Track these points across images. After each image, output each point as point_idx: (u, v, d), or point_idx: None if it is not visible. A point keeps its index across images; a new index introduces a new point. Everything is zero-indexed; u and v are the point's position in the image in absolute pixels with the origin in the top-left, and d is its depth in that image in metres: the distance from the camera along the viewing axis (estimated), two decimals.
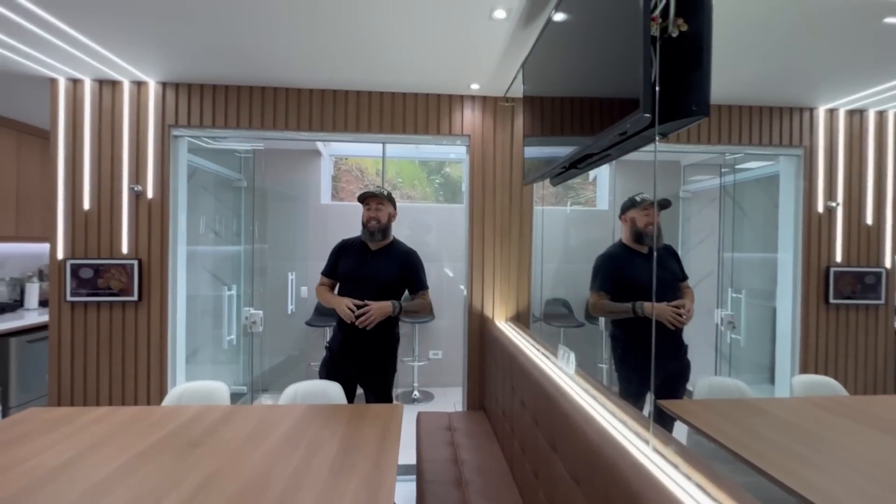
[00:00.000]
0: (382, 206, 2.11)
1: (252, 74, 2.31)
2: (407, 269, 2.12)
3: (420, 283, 2.13)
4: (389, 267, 2.10)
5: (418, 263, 2.16)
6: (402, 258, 2.14)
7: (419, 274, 2.14)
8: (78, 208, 2.37)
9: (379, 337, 2.05)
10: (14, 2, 1.63)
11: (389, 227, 2.15)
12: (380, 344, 2.09)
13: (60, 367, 2.37)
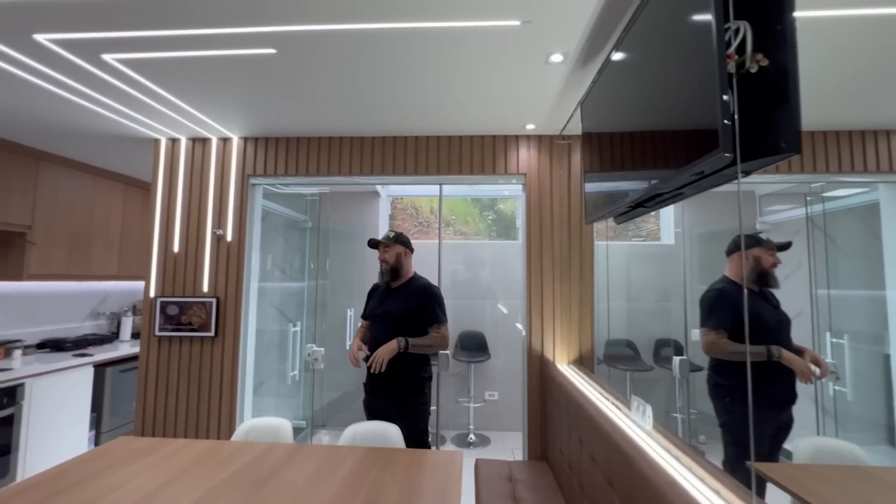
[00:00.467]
0: (389, 249, 2.22)
1: (320, 126, 2.51)
2: (422, 303, 2.15)
3: (434, 316, 2.14)
4: (405, 303, 2.16)
5: (432, 297, 2.17)
6: (417, 293, 2.18)
7: (433, 307, 2.15)
8: (169, 251, 2.64)
9: (401, 374, 2.08)
10: (128, 75, 1.91)
11: (400, 265, 2.22)
12: (404, 381, 2.10)
13: (146, 397, 2.57)
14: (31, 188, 2.94)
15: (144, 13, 1.45)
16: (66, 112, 2.29)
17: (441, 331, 2.13)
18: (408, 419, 2.08)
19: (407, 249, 2.27)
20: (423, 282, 2.24)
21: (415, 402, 2.12)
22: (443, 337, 2.12)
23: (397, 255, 2.22)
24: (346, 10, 1.43)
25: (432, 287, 2.22)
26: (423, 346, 2.09)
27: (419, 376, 2.14)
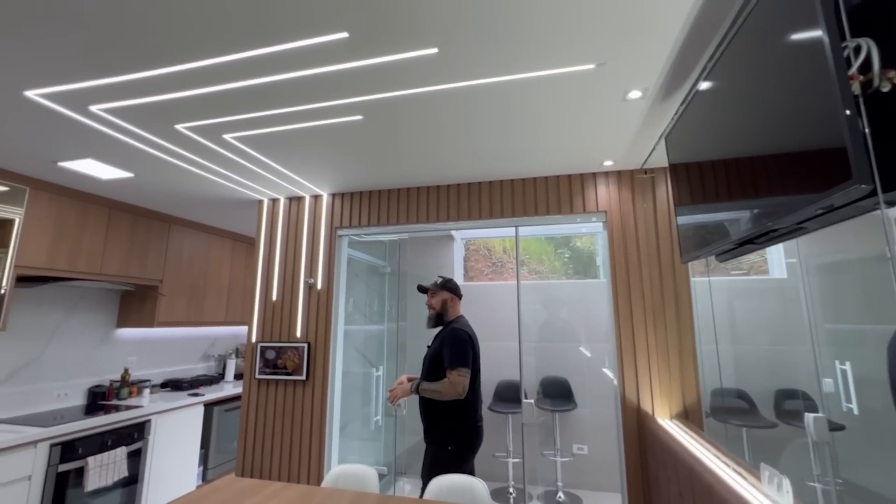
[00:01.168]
0: (436, 295, 2.27)
1: (399, 178, 2.67)
2: (444, 345, 2.09)
3: (448, 359, 2.03)
4: (435, 346, 2.17)
5: (451, 341, 2.09)
6: (445, 335, 2.14)
7: (450, 350, 2.05)
8: (269, 299, 2.90)
9: (428, 421, 2.10)
10: (241, 149, 2.22)
11: (445, 311, 2.24)
12: (429, 428, 2.10)
13: (246, 437, 2.76)
14: (164, 248, 3.46)
15: (256, 98, 1.70)
16: (193, 183, 2.71)
17: (451, 376, 1.99)
18: (424, 467, 2.03)
19: (454, 296, 2.27)
20: (454, 325, 2.18)
21: (434, 453, 2.03)
22: (451, 383, 1.97)
23: (443, 302, 2.24)
24: (428, 74, 1.54)
25: (457, 330, 2.13)
26: (432, 390, 2.02)
27: (443, 428, 2.04)
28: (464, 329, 2.13)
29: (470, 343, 2.10)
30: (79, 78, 1.56)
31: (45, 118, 1.85)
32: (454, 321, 2.22)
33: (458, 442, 2.02)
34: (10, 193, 2.49)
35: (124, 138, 2.04)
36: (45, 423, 2.47)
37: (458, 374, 1.98)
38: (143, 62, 1.47)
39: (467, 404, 2.05)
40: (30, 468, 2.28)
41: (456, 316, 2.25)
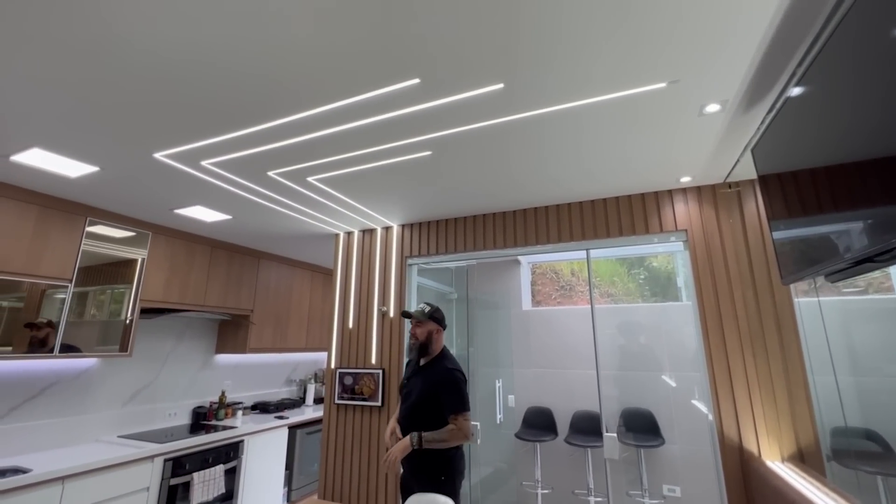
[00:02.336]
0: (422, 325, 2.11)
1: (467, 206, 2.73)
2: (440, 388, 1.97)
3: (451, 405, 1.92)
4: (426, 384, 2.01)
5: (453, 384, 1.97)
6: (438, 376, 2.01)
7: (451, 396, 1.94)
8: (345, 327, 3.07)
9: (421, 473, 1.93)
10: (322, 189, 2.42)
11: (430, 342, 2.09)
12: (423, 481, 1.91)
13: (327, 461, 2.88)
14: (254, 280, 3.82)
15: (337, 144, 1.86)
16: (280, 221, 2.99)
17: (458, 421, 1.90)
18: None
19: (440, 327, 2.16)
20: (449, 364, 2.06)
21: (428, 486, 1.89)
22: (460, 430, 1.89)
23: (429, 333, 2.11)
24: (495, 108, 1.60)
25: (454, 372, 2.01)
26: (438, 440, 1.89)
27: (437, 478, 1.91)
28: (458, 370, 2.05)
29: (465, 383, 2.04)
30: (194, 140, 1.83)
31: (167, 174, 2.17)
32: (441, 355, 2.11)
33: (450, 470, 1.95)
34: (136, 238, 2.92)
35: (226, 186, 2.33)
36: (159, 440, 2.78)
37: (463, 419, 1.92)
38: (244, 123, 1.68)
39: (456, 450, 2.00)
40: (148, 480, 2.56)
41: (440, 348, 2.14)
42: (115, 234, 2.80)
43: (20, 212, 2.35)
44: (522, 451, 3.75)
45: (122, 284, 2.82)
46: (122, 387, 3.04)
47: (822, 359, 2.02)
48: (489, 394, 3.92)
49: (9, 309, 2.29)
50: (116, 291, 2.80)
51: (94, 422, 2.86)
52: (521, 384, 4.01)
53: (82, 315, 2.60)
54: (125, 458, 2.45)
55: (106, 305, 2.74)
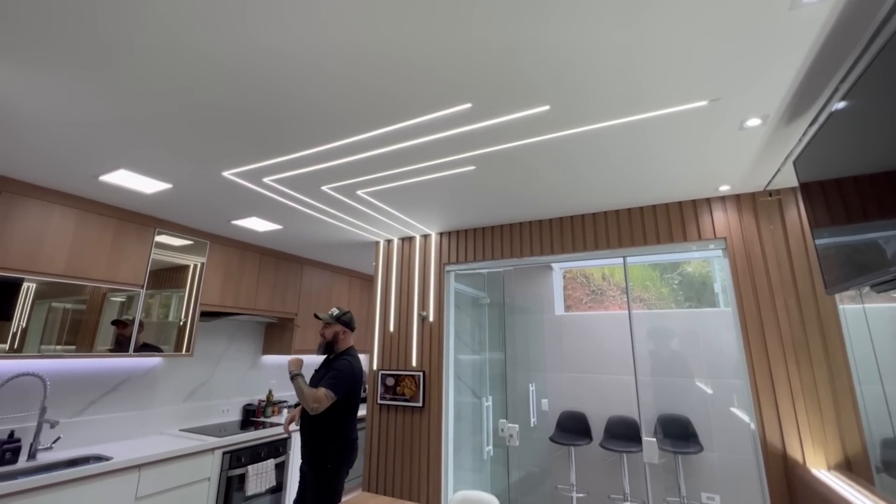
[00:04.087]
0: (329, 327, 2.45)
1: (504, 215, 2.83)
2: (329, 372, 2.31)
3: (327, 381, 2.24)
4: (323, 372, 2.37)
5: (339, 372, 2.30)
6: (336, 366, 2.34)
7: (333, 376, 2.28)
8: (386, 330, 3.22)
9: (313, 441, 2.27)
10: (369, 201, 2.57)
11: (336, 342, 2.44)
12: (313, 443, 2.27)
13: (371, 456, 3.03)
14: (298, 286, 4.04)
15: (387, 162, 2.00)
16: (325, 230, 3.18)
17: (320, 391, 2.19)
18: (309, 488, 2.25)
19: (346, 328, 2.48)
20: (348, 357, 2.39)
21: (317, 475, 2.22)
22: (315, 395, 2.18)
23: (335, 334, 2.44)
24: (540, 127, 1.70)
25: (350, 364, 2.35)
26: (298, 387, 2.21)
27: (326, 449, 2.25)
28: (355, 365, 2.37)
29: (353, 380, 2.33)
30: (261, 160, 2.02)
31: (231, 189, 2.37)
32: (345, 352, 2.43)
33: (334, 463, 2.24)
34: (196, 246, 3.17)
35: (282, 199, 2.52)
36: (216, 434, 2.99)
37: (325, 393, 2.19)
38: (309, 144, 1.85)
39: (342, 429, 2.31)
40: (209, 471, 2.78)
41: (346, 347, 2.46)
42: (176, 243, 3.05)
43: (101, 225, 2.61)
44: (557, 455, 3.80)
45: (184, 289, 3.07)
46: (182, 384, 3.29)
47: (868, 367, 2.01)
48: (522, 397, 3.99)
49: (73, 311, 2.55)
50: (179, 295, 3.05)
51: (159, 416, 3.11)
52: (555, 388, 4.06)
53: (150, 317, 2.85)
54: (191, 450, 2.67)
55: (171, 309, 2.99)
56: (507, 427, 2.87)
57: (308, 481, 2.29)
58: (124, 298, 2.72)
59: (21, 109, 1.61)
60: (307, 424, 2.32)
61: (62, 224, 2.43)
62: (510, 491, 3.66)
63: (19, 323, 2.26)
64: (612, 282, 5.11)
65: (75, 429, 2.64)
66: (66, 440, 2.58)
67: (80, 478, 2.16)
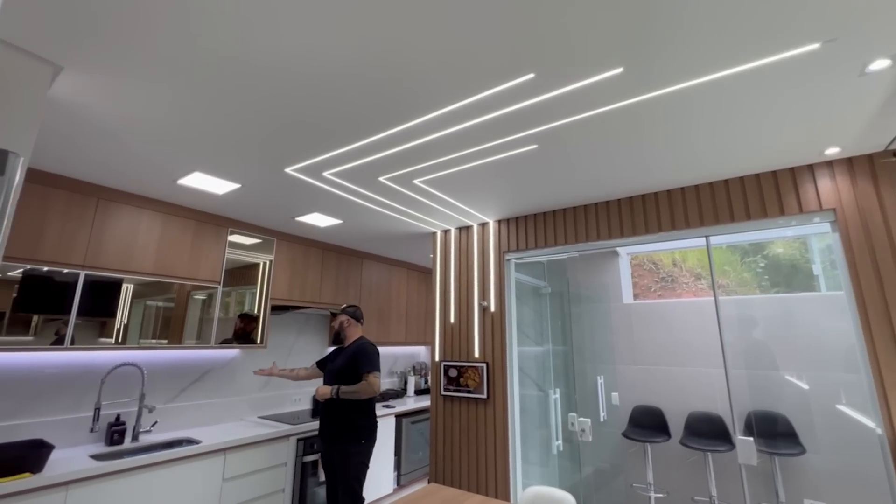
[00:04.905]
0: (336, 318, 2.81)
1: (566, 198, 2.66)
2: (357, 356, 2.58)
3: (365, 366, 2.52)
4: (346, 357, 2.62)
5: (363, 352, 2.59)
6: (352, 352, 2.62)
7: (364, 358, 2.55)
8: (447, 321, 3.18)
9: (340, 422, 2.51)
10: (425, 190, 2.53)
11: (343, 330, 2.76)
12: (340, 427, 2.51)
13: (437, 448, 3.02)
14: (359, 279, 4.13)
15: (445, 146, 1.94)
16: (383, 223, 3.20)
17: (368, 378, 2.47)
18: (342, 466, 2.47)
19: (351, 319, 2.78)
20: (360, 342, 2.67)
21: (349, 450, 2.47)
22: (369, 384, 2.47)
23: (341, 323, 2.76)
24: (611, 94, 1.54)
25: (365, 344, 2.65)
26: (351, 391, 2.45)
27: (356, 425, 2.51)
28: (372, 344, 2.67)
29: (377, 353, 2.62)
30: (319, 154, 2.04)
31: (293, 186, 2.44)
32: (358, 340, 2.71)
33: (368, 435, 2.54)
34: (264, 244, 3.32)
35: (341, 193, 2.55)
36: (290, 422, 3.14)
37: (373, 377, 2.48)
38: (365, 133, 1.83)
39: (371, 406, 2.61)
40: (285, 456, 2.92)
41: (356, 336, 2.76)
42: (247, 242, 3.21)
43: (182, 226, 2.81)
44: (631, 452, 3.57)
45: (255, 286, 3.24)
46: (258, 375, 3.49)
47: None
48: (591, 391, 3.80)
49: (164, 308, 2.76)
50: (251, 291, 3.22)
51: (238, 404, 3.32)
52: (626, 381, 3.81)
53: (227, 312, 3.03)
54: (268, 436, 2.81)
55: (245, 304, 3.17)
56: (578, 421, 2.73)
57: (337, 461, 2.50)
58: (205, 296, 2.91)
59: (111, 121, 1.74)
60: (338, 405, 2.52)
61: (150, 227, 2.64)
62: (581, 487, 3.50)
63: (121, 319, 2.49)
64: (685, 267, 4.72)
65: (169, 414, 2.88)
66: (161, 424, 2.83)
67: (176, 459, 2.35)
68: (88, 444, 2.48)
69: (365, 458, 2.53)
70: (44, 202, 2.24)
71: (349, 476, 2.46)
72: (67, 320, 2.27)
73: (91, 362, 2.57)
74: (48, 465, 2.06)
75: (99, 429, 2.51)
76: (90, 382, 2.55)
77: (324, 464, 2.65)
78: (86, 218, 2.38)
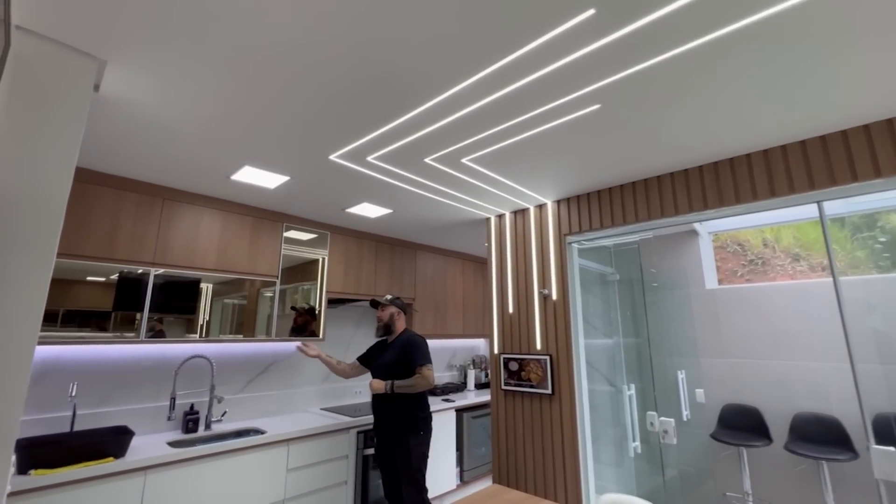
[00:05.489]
0: (385, 309, 2.72)
1: (638, 169, 2.35)
2: (408, 349, 2.54)
3: (418, 359, 2.49)
4: (394, 353, 2.57)
5: (414, 346, 2.55)
6: (402, 345, 2.59)
7: (415, 353, 2.51)
8: (506, 312, 2.99)
9: (395, 412, 2.49)
10: (474, 170, 2.35)
11: (392, 323, 2.70)
12: (397, 420, 2.48)
13: (499, 445, 2.85)
14: (413, 271, 4.05)
15: (494, 114, 1.74)
16: (434, 210, 3.07)
17: (422, 371, 2.45)
18: (403, 459, 2.43)
19: (399, 310, 2.74)
20: (408, 335, 2.64)
21: (409, 442, 2.43)
22: (424, 377, 2.45)
23: (391, 315, 2.70)
24: (688, 28, 1.26)
25: (414, 336, 2.62)
26: (407, 385, 2.43)
27: (413, 417, 2.48)
28: (418, 335, 2.64)
29: (426, 344, 2.59)
30: (359, 136, 1.94)
31: (340, 174, 2.38)
32: (404, 332, 2.68)
33: (426, 426, 2.52)
34: (318, 239, 3.34)
35: (387, 179, 2.45)
36: (351, 414, 3.14)
37: (427, 369, 2.46)
38: (401, 109, 1.69)
39: (426, 397, 2.61)
40: (346, 449, 2.91)
41: (403, 328, 2.72)
42: (302, 237, 3.25)
43: (240, 223, 2.88)
44: (722, 456, 3.15)
45: (312, 280, 3.27)
46: (319, 367, 3.54)
47: None
48: (670, 387, 3.40)
49: (237, 305, 2.84)
50: (309, 286, 3.25)
51: (301, 395, 3.39)
52: (712, 377, 3.37)
53: (285, 308, 3.08)
54: (329, 427, 2.82)
55: (304, 298, 3.21)
56: (659, 421, 2.42)
57: (398, 454, 2.46)
58: (271, 293, 2.99)
59: (160, 115, 1.76)
60: (393, 398, 2.48)
61: (210, 224, 2.73)
62: (663, 493, 3.15)
63: (203, 316, 2.66)
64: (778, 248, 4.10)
65: (237, 404, 2.99)
66: (230, 414, 2.94)
67: (243, 448, 2.41)
68: (166, 432, 2.62)
69: (425, 450, 2.50)
70: (116, 205, 2.37)
71: (412, 469, 2.42)
72: (162, 318, 2.49)
73: (166, 355, 2.72)
74: (130, 450, 2.19)
75: (175, 417, 2.65)
76: (166, 374, 2.70)
77: (380, 458, 2.60)
78: (153, 218, 2.50)
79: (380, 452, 2.61)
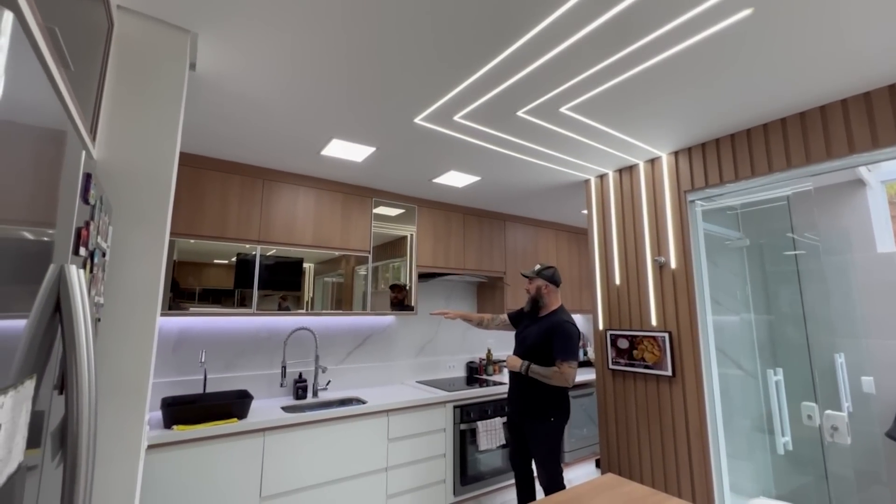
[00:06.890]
0: (533, 282, 2.47)
1: (790, 102, 1.84)
2: (554, 335, 2.29)
3: (560, 351, 2.24)
4: (538, 333, 2.35)
5: (565, 333, 2.27)
6: (549, 327, 2.33)
7: (562, 343, 2.25)
8: (611, 284, 2.66)
9: (530, 399, 2.32)
10: (574, 120, 2.04)
11: (540, 297, 2.44)
12: (531, 405, 2.32)
13: (607, 430, 2.59)
14: (502, 243, 3.85)
15: (601, 43, 1.44)
16: (526, 174, 2.81)
17: (563, 367, 2.21)
18: (534, 441, 2.31)
19: (548, 283, 2.43)
20: (560, 317, 2.36)
21: (539, 428, 2.29)
22: (561, 374, 2.21)
23: (537, 288, 2.44)
24: None
25: (568, 325, 2.30)
26: (541, 375, 2.24)
27: (544, 403, 2.29)
28: (573, 324, 2.33)
29: (578, 339, 2.31)
30: (443, 93, 1.76)
31: (426, 139, 2.25)
32: (559, 311, 2.41)
33: (559, 412, 2.31)
34: (406, 214, 3.30)
35: (476, 141, 2.26)
36: (446, 388, 3.10)
37: (568, 366, 2.21)
38: (489, 53, 1.47)
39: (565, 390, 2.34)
40: (443, 422, 2.89)
41: (556, 304, 2.44)
42: (391, 213, 3.22)
43: (332, 199, 2.93)
44: None
45: (402, 256, 3.25)
46: (413, 340, 3.57)
47: None
48: (824, 373, 2.78)
49: (336, 283, 2.93)
50: (400, 262, 3.24)
51: (397, 368, 3.44)
52: (885, 362, 2.68)
53: (377, 283, 3.10)
54: (426, 401, 2.81)
55: (395, 274, 3.21)
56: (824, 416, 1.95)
57: (527, 434, 2.35)
58: (366, 271, 3.04)
59: (256, 96, 1.77)
60: (529, 381, 2.32)
61: (306, 202, 2.82)
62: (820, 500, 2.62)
63: (308, 293, 2.80)
64: None
65: (338, 374, 3.13)
66: (333, 383, 3.08)
67: (349, 416, 2.50)
68: (280, 397, 2.83)
69: (557, 435, 2.31)
70: (224, 187, 2.53)
71: (542, 452, 2.30)
72: (286, 295, 2.71)
73: (277, 327, 2.91)
74: (250, 412, 2.37)
75: (287, 384, 2.84)
76: (277, 344, 2.89)
77: (511, 424, 2.51)
78: (256, 199, 2.63)
79: (511, 419, 2.50)
